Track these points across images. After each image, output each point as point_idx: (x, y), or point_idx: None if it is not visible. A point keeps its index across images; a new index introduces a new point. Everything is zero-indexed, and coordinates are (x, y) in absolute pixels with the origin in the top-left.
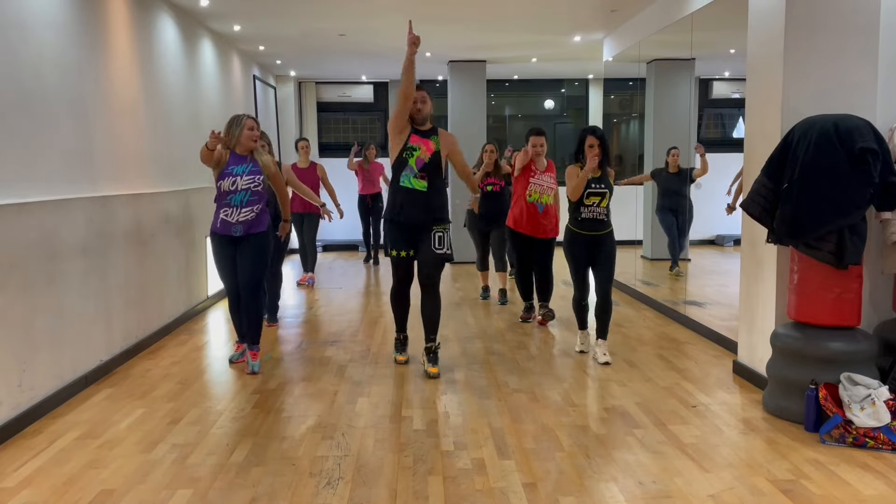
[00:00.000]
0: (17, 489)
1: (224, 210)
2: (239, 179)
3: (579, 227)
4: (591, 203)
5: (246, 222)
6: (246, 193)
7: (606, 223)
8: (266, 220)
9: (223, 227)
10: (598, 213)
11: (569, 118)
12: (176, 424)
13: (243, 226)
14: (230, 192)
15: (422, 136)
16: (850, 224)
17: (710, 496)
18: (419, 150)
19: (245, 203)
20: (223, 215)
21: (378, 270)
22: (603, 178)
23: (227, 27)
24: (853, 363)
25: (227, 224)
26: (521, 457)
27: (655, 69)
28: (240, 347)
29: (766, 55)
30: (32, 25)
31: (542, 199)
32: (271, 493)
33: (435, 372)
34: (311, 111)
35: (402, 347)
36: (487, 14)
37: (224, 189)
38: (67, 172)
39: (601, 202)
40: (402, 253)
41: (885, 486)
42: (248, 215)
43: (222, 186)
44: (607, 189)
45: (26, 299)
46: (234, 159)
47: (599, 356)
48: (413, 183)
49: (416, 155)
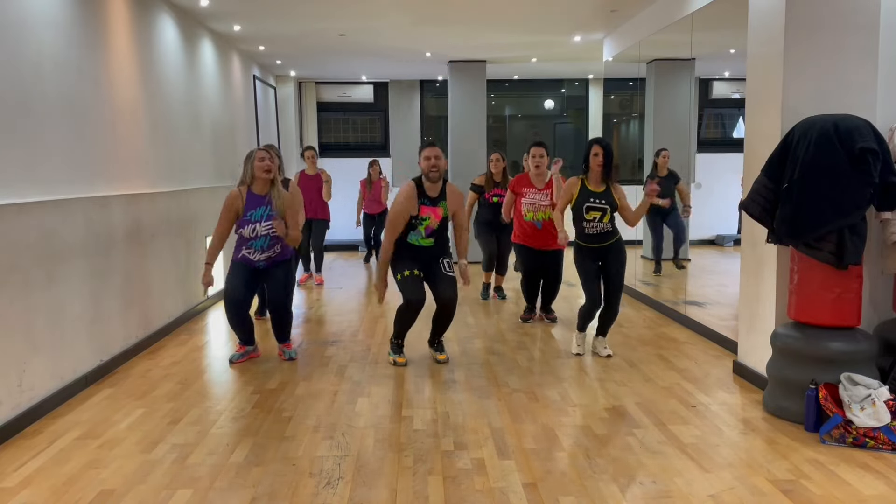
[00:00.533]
0: (17, 489)
1: (246, 249)
2: (258, 226)
3: (585, 241)
4: (592, 218)
5: (269, 259)
6: (266, 239)
7: (612, 233)
8: (289, 251)
9: (245, 260)
10: (600, 227)
11: (569, 118)
12: (176, 424)
13: (266, 262)
14: (251, 239)
15: (431, 206)
16: (850, 224)
17: (710, 496)
18: (429, 220)
19: (266, 247)
20: (245, 252)
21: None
22: (605, 193)
23: (227, 27)
24: (853, 363)
25: (250, 260)
26: (521, 457)
27: (655, 69)
28: (242, 348)
29: (766, 55)
30: (32, 25)
31: (538, 216)
32: (271, 493)
33: (444, 358)
34: (311, 111)
35: (400, 350)
36: (487, 14)
37: (245, 236)
38: (67, 172)
39: (602, 217)
40: (416, 272)
41: (885, 486)
42: (270, 255)
43: (243, 234)
44: (608, 205)
45: (26, 299)
46: (252, 202)
47: (600, 350)
48: (421, 242)
49: (426, 223)
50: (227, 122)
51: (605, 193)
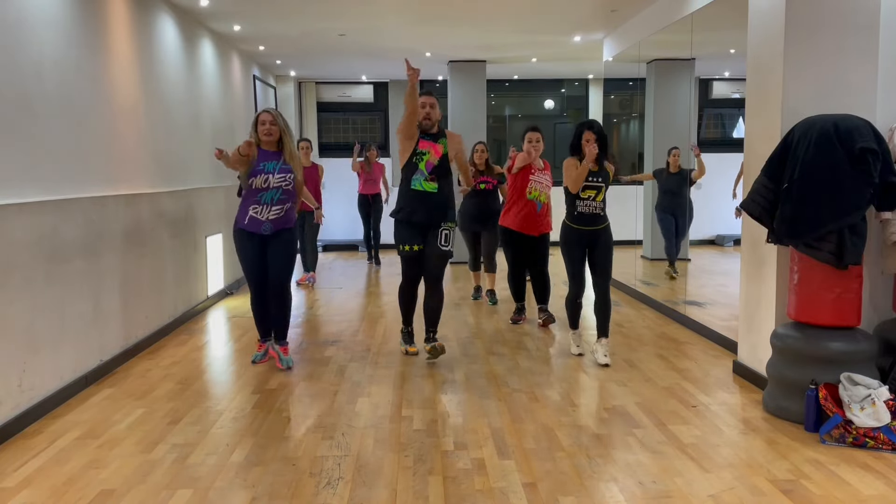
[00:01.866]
0: (17, 489)
1: (253, 207)
2: (271, 177)
3: (575, 223)
4: (587, 197)
5: (276, 220)
6: (277, 192)
7: (603, 217)
8: (293, 217)
9: (252, 224)
10: (594, 206)
11: (569, 118)
12: (176, 424)
13: (273, 223)
14: (261, 190)
15: (431, 141)
16: (850, 224)
17: (710, 496)
18: (428, 154)
19: (276, 201)
20: (252, 212)
21: (378, 271)
22: (600, 171)
23: (227, 27)
24: (853, 363)
25: (256, 222)
26: (521, 457)
27: (655, 69)
28: (262, 347)
29: (766, 55)
30: (32, 25)
31: (542, 196)
32: (271, 493)
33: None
34: (311, 111)
35: (410, 339)
36: (487, 14)
37: (256, 186)
38: (67, 172)
39: (597, 196)
40: (415, 247)
41: (885, 486)
42: (277, 213)
43: (254, 184)
44: (603, 183)
45: (26, 299)
46: (263, 155)
47: (600, 357)
48: (424, 185)
49: (425, 159)
50: (227, 122)
51: (601, 171)
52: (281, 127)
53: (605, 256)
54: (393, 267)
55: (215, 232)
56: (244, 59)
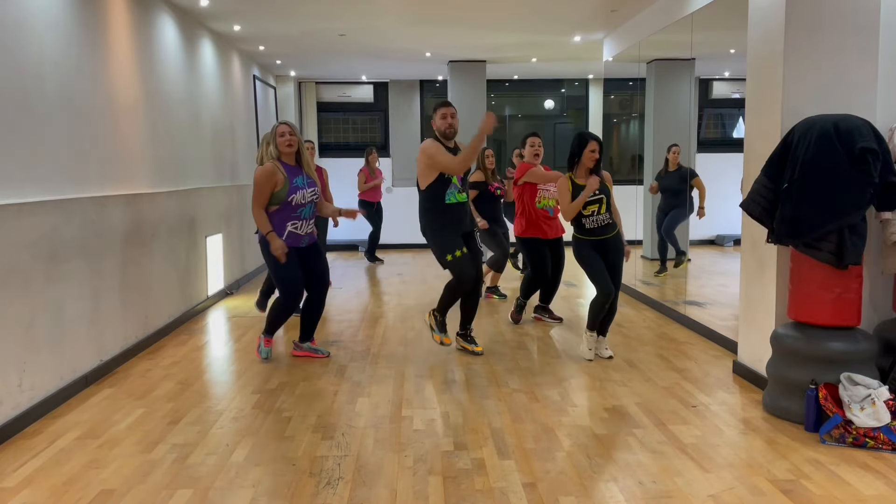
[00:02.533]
0: (17, 489)
1: (292, 223)
2: (305, 192)
3: (587, 235)
4: (591, 213)
5: (311, 234)
6: (311, 206)
7: (612, 225)
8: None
9: (291, 239)
10: (601, 219)
11: (569, 118)
12: (176, 424)
13: (309, 237)
14: (300, 206)
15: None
16: (850, 224)
17: (710, 496)
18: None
19: (311, 215)
20: (291, 228)
21: (375, 269)
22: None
23: (227, 27)
24: (853, 363)
25: (296, 237)
26: (521, 457)
27: (655, 69)
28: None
29: (766, 55)
30: (32, 25)
31: (551, 202)
32: (271, 493)
33: (480, 350)
34: (311, 111)
35: (445, 329)
36: (487, 14)
37: (296, 203)
38: (67, 172)
39: (601, 209)
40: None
41: (885, 486)
42: (311, 227)
43: (294, 200)
44: (603, 195)
45: (26, 299)
46: (289, 171)
47: (602, 351)
48: (458, 198)
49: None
50: (226, 122)
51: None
52: (299, 138)
53: (618, 263)
54: (395, 266)
55: (215, 232)
56: (244, 59)
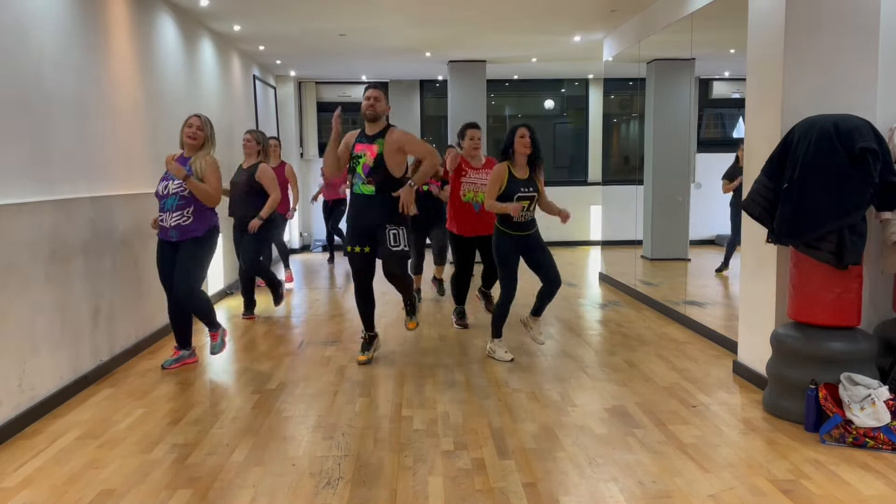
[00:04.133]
0: (17, 489)
1: (160, 215)
2: (170, 183)
3: (510, 229)
4: (522, 207)
5: (179, 227)
6: (175, 198)
7: (533, 221)
8: (203, 224)
9: (162, 231)
10: (528, 216)
11: (569, 118)
12: (176, 424)
13: (178, 230)
14: (162, 197)
15: (367, 143)
16: (850, 224)
17: (710, 496)
18: (364, 157)
19: (175, 208)
20: (160, 221)
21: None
22: (530, 180)
23: (227, 27)
24: (853, 363)
25: (163, 229)
26: (521, 457)
27: (655, 69)
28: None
29: (766, 55)
30: (32, 25)
31: (479, 197)
32: (271, 493)
33: (413, 327)
34: (311, 111)
35: (367, 346)
36: (487, 14)
37: (158, 193)
38: (67, 172)
39: (530, 206)
40: (357, 248)
41: (885, 486)
42: (178, 220)
43: (158, 192)
44: (535, 192)
45: (26, 299)
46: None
47: (537, 336)
48: (362, 189)
49: (361, 162)
50: (227, 122)
51: (530, 181)
52: (206, 135)
53: (544, 249)
54: None
55: None
56: (244, 59)
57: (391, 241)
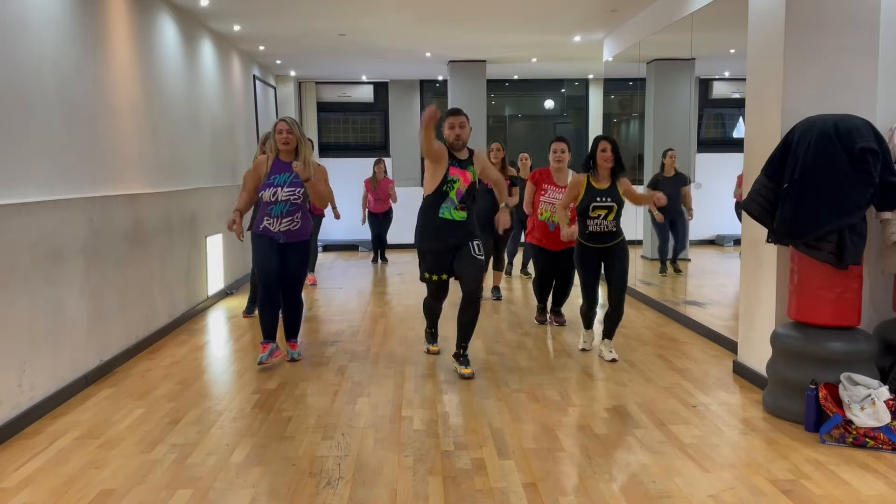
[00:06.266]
0: (17, 489)
1: (266, 219)
2: (280, 190)
3: (588, 240)
4: (597, 216)
5: (288, 232)
6: (286, 205)
7: (616, 233)
8: (308, 228)
9: (266, 232)
10: (606, 225)
11: (569, 118)
12: (176, 424)
13: (286, 235)
14: (270, 203)
15: (460, 168)
16: (850, 224)
17: (710, 496)
18: (458, 183)
19: (285, 214)
20: (266, 223)
21: (384, 268)
22: (611, 191)
23: (227, 27)
24: (853, 363)
25: (269, 232)
26: (521, 457)
27: (655, 69)
28: (265, 347)
29: (766, 55)
30: (32, 25)
31: (554, 217)
32: (271, 493)
33: (469, 372)
34: (311, 111)
35: (434, 339)
36: (487, 14)
37: (265, 199)
38: (67, 172)
39: (608, 216)
40: (444, 277)
41: (885, 486)
42: (289, 226)
43: (263, 197)
44: (614, 203)
45: (26, 299)
46: (277, 167)
47: (606, 354)
48: (454, 215)
49: (455, 187)
50: (226, 122)
51: (611, 191)
52: (298, 136)
53: (621, 270)
54: (395, 266)
55: (215, 232)
56: (244, 59)
57: (475, 250)
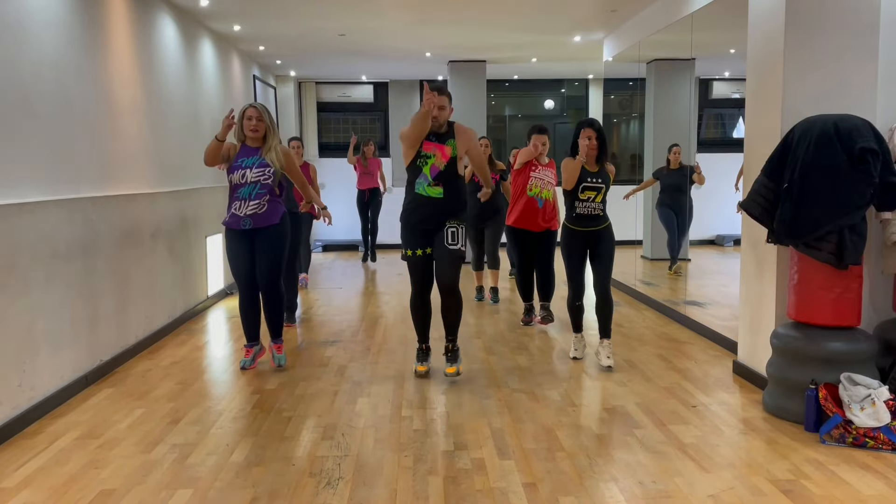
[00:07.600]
0: (17, 489)
1: (234, 204)
2: (248, 172)
3: (575, 224)
4: (587, 198)
5: (255, 215)
6: (255, 186)
7: (603, 217)
8: (278, 212)
9: (233, 220)
10: (593, 208)
11: (569, 118)
12: (176, 424)
13: (253, 219)
14: (239, 186)
15: (437, 142)
16: (850, 224)
17: (710, 496)
18: (434, 158)
19: (253, 196)
20: (233, 209)
21: (384, 268)
22: (600, 172)
23: (227, 27)
24: (853, 363)
25: (236, 218)
26: (521, 457)
27: (655, 69)
28: (249, 352)
29: (766, 55)
30: (32, 25)
31: (543, 193)
32: (271, 493)
33: (452, 371)
34: (311, 111)
35: (424, 357)
36: (487, 14)
37: (234, 182)
38: (67, 172)
39: (596, 197)
40: (419, 252)
41: (885, 486)
42: (256, 208)
43: (232, 180)
44: (603, 184)
45: (26, 299)
46: (245, 151)
47: (603, 359)
48: (427, 191)
49: (430, 163)
50: None
51: (601, 172)
52: (267, 124)
53: (606, 256)
54: (392, 266)
55: (215, 232)
56: (244, 59)
57: (449, 238)
